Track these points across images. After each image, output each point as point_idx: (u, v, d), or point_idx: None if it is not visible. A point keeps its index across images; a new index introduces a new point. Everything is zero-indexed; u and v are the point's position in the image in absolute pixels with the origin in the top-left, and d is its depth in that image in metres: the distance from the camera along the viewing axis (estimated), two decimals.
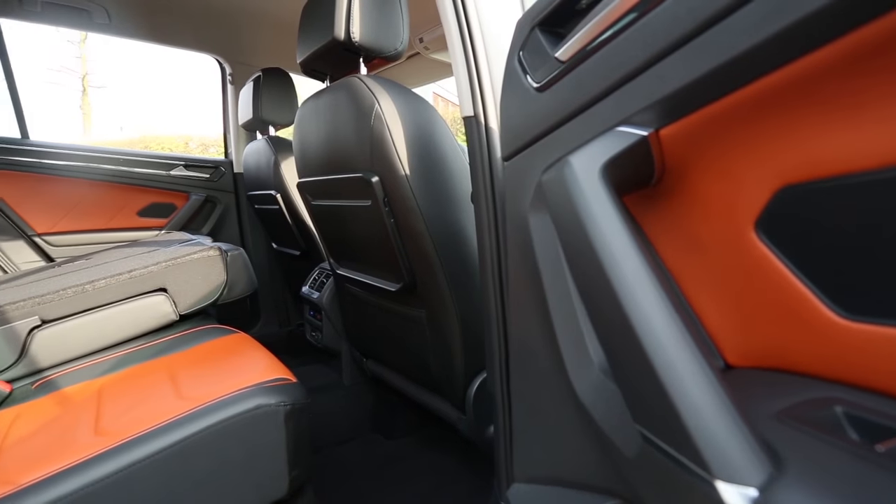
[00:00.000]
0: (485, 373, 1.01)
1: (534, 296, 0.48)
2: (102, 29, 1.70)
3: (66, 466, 0.67)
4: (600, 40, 0.35)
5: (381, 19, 0.94)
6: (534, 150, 0.46)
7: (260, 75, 1.62)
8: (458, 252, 0.94)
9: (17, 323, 1.02)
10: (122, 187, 1.91)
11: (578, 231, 0.32)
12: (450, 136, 0.94)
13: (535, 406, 0.52)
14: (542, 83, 0.43)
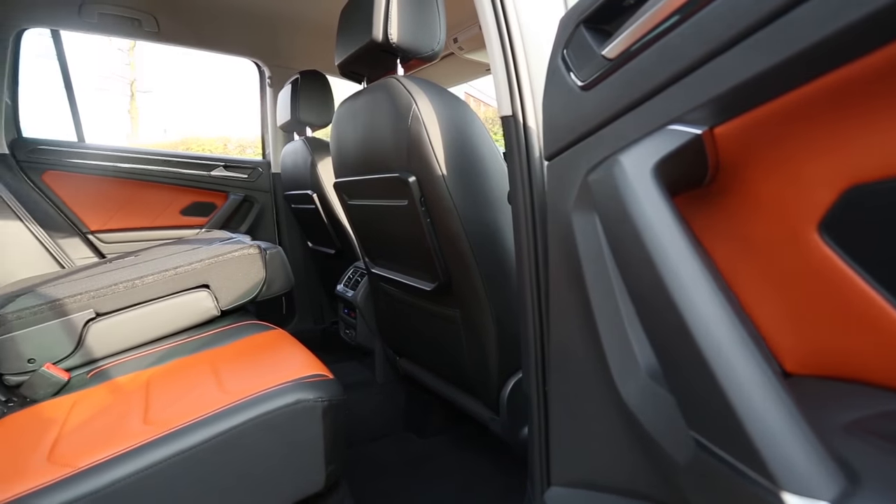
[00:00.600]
0: (520, 373, 1.00)
1: (576, 297, 0.47)
2: (151, 37, 1.77)
3: (119, 453, 0.70)
4: (651, 37, 0.35)
5: (418, 20, 0.95)
6: (578, 149, 0.45)
7: (298, 77, 1.66)
8: (494, 252, 0.93)
9: (74, 315, 1.08)
10: (166, 187, 1.99)
11: (630, 232, 0.31)
12: (486, 136, 0.94)
13: (575, 408, 0.51)
14: (587, 81, 0.42)
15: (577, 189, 0.45)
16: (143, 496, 0.68)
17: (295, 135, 1.83)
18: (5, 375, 1.02)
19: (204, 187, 2.06)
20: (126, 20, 1.67)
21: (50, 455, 0.73)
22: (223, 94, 19.11)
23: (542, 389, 0.79)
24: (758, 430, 0.23)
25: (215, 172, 2.12)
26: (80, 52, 5.80)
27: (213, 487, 0.74)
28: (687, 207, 0.37)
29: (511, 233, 0.94)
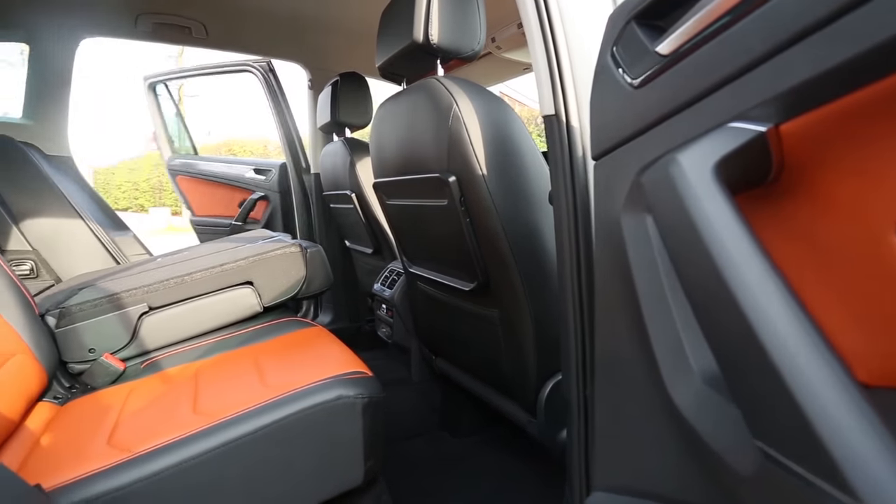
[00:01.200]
0: (558, 376, 0.98)
1: (624, 299, 0.46)
2: (200, 43, 1.85)
3: (172, 440, 0.73)
4: (710, 31, 0.33)
5: (459, 20, 0.95)
6: (628, 148, 0.44)
7: (337, 79, 1.69)
8: (534, 253, 0.92)
9: (129, 309, 1.14)
10: (224, 186, 2.20)
11: (689, 233, 0.30)
12: (527, 136, 0.93)
13: (621, 413, 0.50)
14: (639, 79, 0.41)
15: (627, 189, 0.44)
16: (194, 482, 0.71)
17: (334, 136, 1.87)
18: (69, 363, 1.09)
19: (247, 187, 2.26)
20: (177, 28, 1.74)
21: (110, 439, 0.77)
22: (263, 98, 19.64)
23: (583, 393, 0.78)
24: (838, 443, 0.22)
25: (254, 175, 2.33)
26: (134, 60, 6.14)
27: (257, 477, 0.76)
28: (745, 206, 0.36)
29: (551, 233, 0.93)
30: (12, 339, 0.92)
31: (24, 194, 1.52)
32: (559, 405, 0.99)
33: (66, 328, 1.08)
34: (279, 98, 2.28)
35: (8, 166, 1.49)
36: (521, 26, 1.78)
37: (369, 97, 1.74)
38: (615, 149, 0.46)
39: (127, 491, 0.68)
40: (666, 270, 0.39)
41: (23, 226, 1.52)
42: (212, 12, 1.68)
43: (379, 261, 1.77)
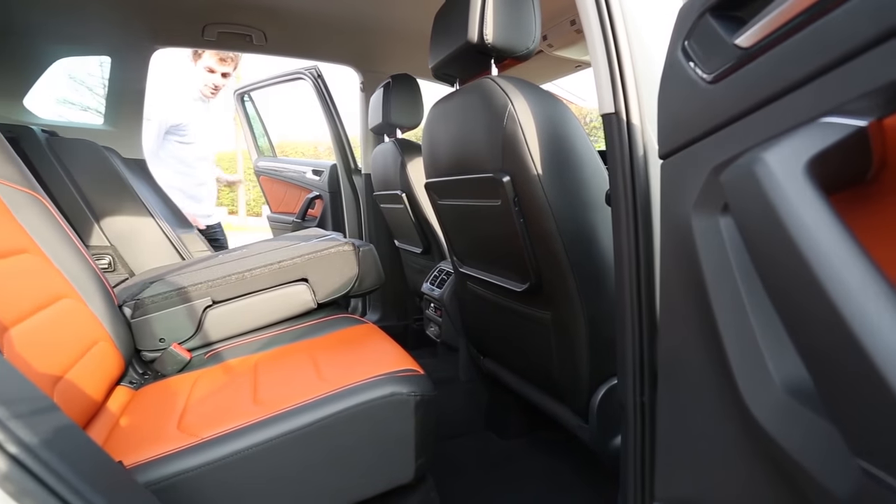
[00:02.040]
0: (612, 380, 0.96)
1: (693, 304, 0.44)
2: (259, 49, 1.93)
3: (235, 428, 0.77)
4: (802, 19, 0.31)
5: (514, 19, 0.95)
6: (701, 146, 0.42)
7: (389, 81, 1.72)
8: (589, 254, 0.90)
9: (195, 302, 1.21)
10: (291, 185, 2.46)
11: (778, 236, 0.28)
12: (583, 135, 0.91)
13: (687, 422, 0.48)
14: (715, 73, 0.40)
15: (699, 189, 0.42)
16: (254, 470, 0.75)
17: (385, 137, 1.91)
18: (142, 352, 1.17)
19: (305, 186, 2.46)
20: (239, 36, 1.83)
21: (179, 424, 0.82)
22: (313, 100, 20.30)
23: (640, 399, 0.75)
24: None
25: (310, 175, 2.44)
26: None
27: (312, 468, 0.78)
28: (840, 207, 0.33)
29: (608, 234, 0.90)
30: (96, 328, 1.00)
31: (104, 194, 1.65)
32: (613, 411, 0.97)
33: (140, 318, 1.16)
34: (329, 102, 2.35)
35: (91, 168, 1.62)
36: (574, 23, 1.75)
37: (420, 98, 1.76)
38: (686, 147, 0.44)
39: (195, 473, 0.72)
40: (743, 274, 0.37)
41: (103, 223, 1.64)
42: (271, 20, 1.75)
43: (428, 260, 1.79)
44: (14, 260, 0.87)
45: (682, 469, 0.50)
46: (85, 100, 2.44)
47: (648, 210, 0.72)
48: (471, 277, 1.23)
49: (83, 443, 0.56)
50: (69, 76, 2.11)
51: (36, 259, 0.94)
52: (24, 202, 0.97)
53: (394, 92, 1.70)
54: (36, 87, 1.75)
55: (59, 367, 0.82)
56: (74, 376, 0.85)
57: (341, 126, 2.34)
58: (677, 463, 0.51)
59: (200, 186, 2.21)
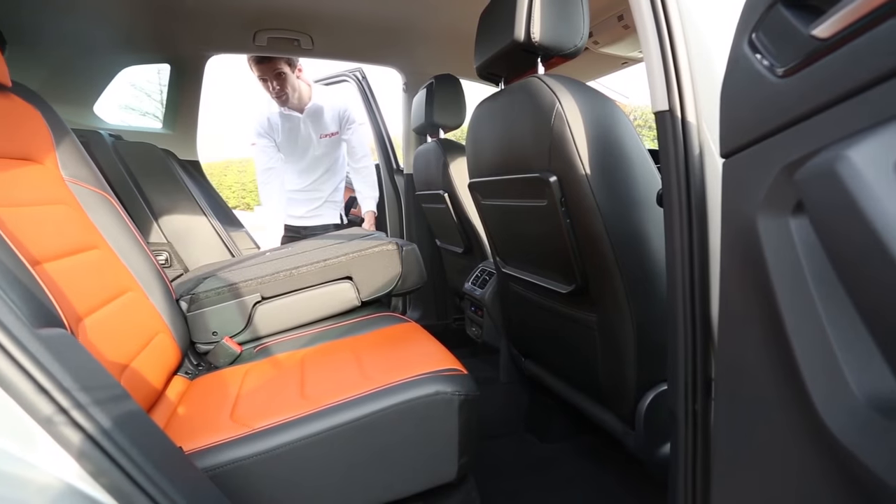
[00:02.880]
0: (661, 387, 0.93)
1: (758, 309, 0.42)
2: (307, 53, 1.99)
3: (284, 421, 0.79)
4: (888, 8, 0.29)
5: (561, 17, 0.93)
6: (769, 144, 0.40)
7: (433, 81, 1.73)
8: (638, 256, 0.88)
9: (245, 298, 1.26)
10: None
11: (866, 239, 0.26)
12: (633, 134, 0.88)
13: (748, 435, 0.46)
14: (787, 67, 0.37)
15: (767, 189, 0.40)
16: (301, 462, 0.77)
17: (428, 137, 1.92)
18: (196, 344, 1.23)
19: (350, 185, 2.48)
20: (288, 41, 1.89)
21: (232, 414, 0.85)
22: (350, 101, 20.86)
23: (692, 407, 0.72)
24: None
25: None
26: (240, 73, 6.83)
27: (357, 463, 0.80)
28: None
29: (659, 235, 0.88)
30: (157, 320, 1.06)
31: (162, 194, 1.74)
32: (661, 418, 0.93)
33: (195, 312, 1.21)
34: (372, 103, 2.39)
35: (150, 170, 1.72)
36: (621, 18, 1.70)
37: (463, 98, 1.76)
38: (752, 145, 0.42)
39: (246, 462, 0.74)
40: (817, 278, 0.35)
41: (160, 221, 1.74)
42: (318, 25, 1.80)
43: (469, 260, 1.79)
44: (87, 255, 0.93)
45: (743, 482, 0.48)
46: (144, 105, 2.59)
47: (704, 211, 0.69)
48: (514, 278, 1.22)
49: (151, 429, 0.59)
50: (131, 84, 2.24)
51: (105, 254, 1.01)
52: (95, 201, 1.04)
53: (437, 92, 1.71)
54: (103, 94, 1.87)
55: (125, 357, 0.88)
56: (138, 365, 0.90)
57: (384, 127, 2.37)
58: (737, 476, 0.48)
59: (305, 191, 2.26)
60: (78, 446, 0.48)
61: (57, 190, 0.96)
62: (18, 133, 0.91)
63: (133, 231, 1.12)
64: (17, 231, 0.74)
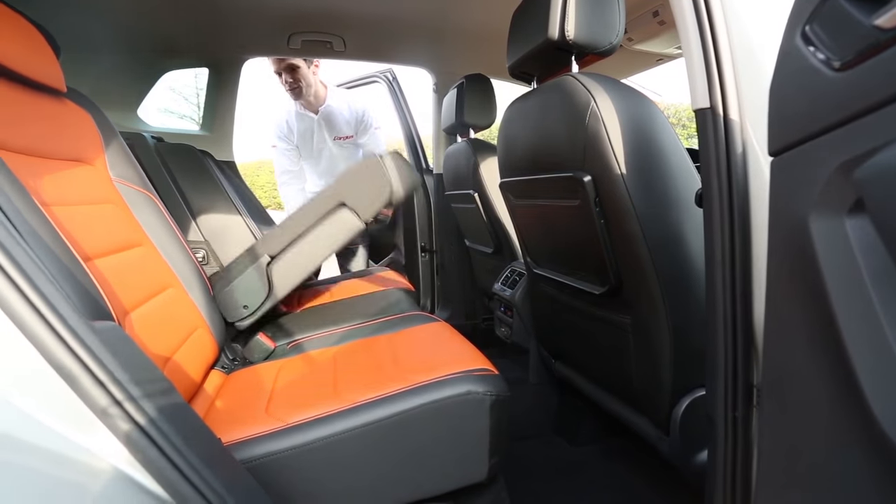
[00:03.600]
0: (698, 392, 0.90)
1: (809, 313, 0.40)
2: (339, 55, 2.02)
3: (318, 416, 0.81)
4: None
5: (597, 14, 0.92)
6: (824, 141, 0.38)
7: (463, 81, 1.73)
8: (674, 257, 0.86)
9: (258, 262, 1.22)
10: None
11: None
12: (671, 133, 0.86)
13: (796, 444, 0.44)
14: (846, 60, 0.36)
15: (821, 188, 0.38)
16: (335, 457, 0.78)
17: (458, 137, 1.92)
18: (234, 323, 1.23)
19: None
20: (321, 43, 1.92)
21: (267, 408, 0.87)
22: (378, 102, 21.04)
23: (733, 414, 0.70)
24: None
25: None
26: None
27: (389, 460, 0.81)
28: None
29: (697, 236, 0.85)
30: (196, 315, 1.10)
31: (200, 193, 1.80)
32: (698, 424, 0.91)
33: (223, 290, 1.22)
34: (402, 103, 2.41)
35: (189, 170, 1.78)
36: (657, 14, 1.66)
37: (494, 98, 1.76)
38: (803, 142, 0.41)
39: (281, 456, 0.76)
40: (877, 280, 0.33)
41: (199, 220, 1.80)
42: (350, 27, 1.82)
43: (499, 260, 1.78)
44: (132, 252, 0.97)
45: (790, 494, 0.46)
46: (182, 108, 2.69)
47: (746, 211, 0.67)
48: (545, 279, 1.21)
49: (195, 421, 0.61)
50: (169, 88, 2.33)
51: (148, 251, 1.05)
52: (139, 200, 1.08)
53: (468, 92, 1.71)
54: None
55: (167, 350, 0.91)
56: (179, 359, 0.94)
57: (414, 127, 2.38)
58: (784, 487, 0.47)
59: None
60: (129, 436, 0.50)
61: (105, 189, 1.01)
62: (71, 136, 0.96)
63: (174, 229, 1.16)
64: (70, 228, 0.78)
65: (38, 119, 0.87)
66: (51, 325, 0.47)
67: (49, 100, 0.92)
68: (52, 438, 0.47)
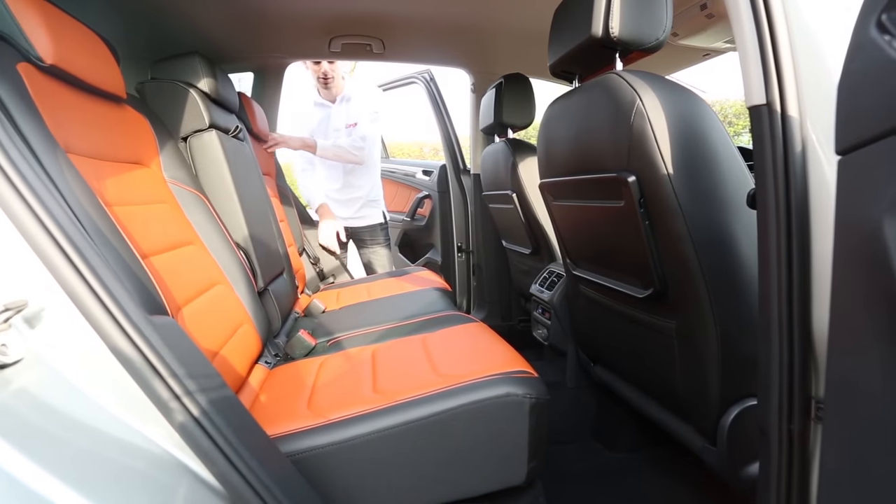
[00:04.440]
0: (748, 401, 0.86)
1: (884, 323, 0.38)
2: (378, 57, 2.05)
3: (359, 413, 0.82)
4: None
5: (642, 10, 0.89)
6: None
7: (502, 81, 1.72)
8: (724, 260, 0.82)
9: None
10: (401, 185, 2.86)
11: None
12: (721, 131, 0.83)
13: (865, 462, 0.41)
14: None
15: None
16: (375, 454, 0.79)
17: (496, 137, 1.91)
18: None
19: (416, 186, 2.66)
20: (360, 46, 1.96)
21: (309, 403, 0.90)
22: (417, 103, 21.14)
23: (788, 427, 0.67)
24: None
25: (418, 175, 2.53)
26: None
27: (428, 459, 0.81)
28: None
29: (749, 239, 0.82)
30: (241, 312, 1.14)
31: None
32: (747, 435, 0.87)
33: None
34: (440, 104, 2.42)
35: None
36: (704, 7, 1.60)
37: (533, 97, 1.74)
38: (877, 140, 0.38)
39: (323, 451, 0.78)
40: None
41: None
42: (389, 29, 1.84)
43: (537, 261, 1.76)
44: (184, 250, 1.02)
45: None
46: None
47: (805, 213, 0.63)
48: (585, 281, 1.19)
49: (243, 414, 0.64)
50: None
51: (198, 249, 1.09)
52: (191, 201, 1.13)
53: (506, 91, 1.70)
54: None
55: (215, 345, 0.95)
56: (226, 353, 0.97)
57: (451, 127, 2.39)
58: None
59: (342, 191, 2.30)
60: (185, 426, 0.52)
61: (160, 190, 1.06)
62: (130, 139, 1.01)
63: (222, 228, 1.20)
64: (130, 227, 0.82)
65: (102, 124, 0.92)
66: (116, 319, 0.50)
67: (111, 106, 0.98)
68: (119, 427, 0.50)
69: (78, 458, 0.47)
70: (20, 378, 0.46)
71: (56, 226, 0.49)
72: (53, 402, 0.48)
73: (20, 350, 0.47)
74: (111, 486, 0.47)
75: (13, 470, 0.41)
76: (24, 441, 0.43)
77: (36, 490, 0.41)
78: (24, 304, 0.47)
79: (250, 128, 1.80)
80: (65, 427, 0.48)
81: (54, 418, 0.48)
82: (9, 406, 0.43)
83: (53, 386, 0.49)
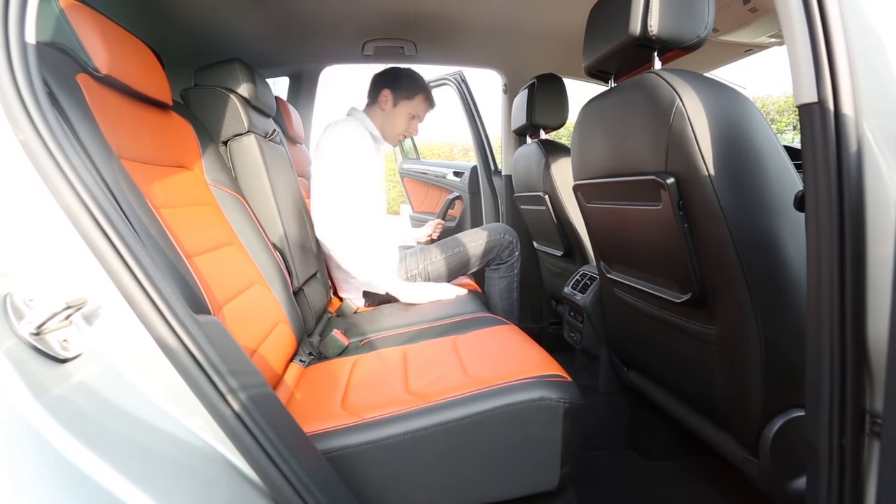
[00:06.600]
0: (794, 412, 0.83)
1: None
2: (410, 59, 2.07)
3: (392, 413, 0.83)
4: None
5: (683, 6, 0.87)
6: None
7: (534, 82, 1.70)
8: (769, 265, 0.79)
9: None
10: (430, 185, 2.88)
11: None
12: (766, 130, 0.80)
13: None
14: None
15: None
16: (408, 454, 0.80)
17: (528, 138, 1.90)
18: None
19: (447, 187, 2.69)
20: (393, 49, 1.98)
21: (343, 402, 0.91)
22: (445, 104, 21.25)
23: (839, 441, 0.63)
24: None
25: (449, 176, 2.54)
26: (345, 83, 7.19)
27: (459, 462, 0.81)
28: None
29: (796, 243, 0.79)
30: (278, 311, 1.17)
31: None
32: (793, 448, 0.83)
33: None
34: (472, 105, 2.42)
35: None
36: (747, 1, 1.54)
37: (566, 98, 1.72)
38: None
39: (357, 450, 0.79)
40: None
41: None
42: (421, 31, 1.86)
43: (568, 263, 1.73)
44: (224, 251, 1.05)
45: None
46: None
47: (861, 217, 0.60)
48: (619, 284, 1.17)
49: (282, 412, 0.65)
50: None
51: (238, 250, 1.13)
52: (230, 203, 1.17)
53: (539, 92, 1.69)
54: None
55: (253, 343, 0.98)
56: (264, 351, 1.00)
57: (483, 129, 2.39)
58: None
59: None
60: (228, 422, 0.54)
61: (202, 192, 1.10)
62: (175, 144, 1.06)
63: (260, 229, 1.24)
64: (175, 228, 0.85)
65: (150, 130, 0.96)
66: (165, 317, 0.53)
67: (158, 112, 1.02)
68: (168, 422, 0.52)
69: (134, 450, 0.49)
70: (80, 372, 0.49)
71: (112, 228, 0.52)
72: (109, 396, 0.51)
73: (80, 345, 0.50)
74: (166, 478, 0.50)
75: (75, 459, 0.43)
76: (81, 431, 0.45)
77: (97, 480, 0.44)
78: (84, 302, 0.50)
79: (286, 130, 1.85)
80: (118, 419, 0.51)
81: (109, 411, 0.50)
82: (69, 398, 0.46)
83: (109, 380, 0.51)
